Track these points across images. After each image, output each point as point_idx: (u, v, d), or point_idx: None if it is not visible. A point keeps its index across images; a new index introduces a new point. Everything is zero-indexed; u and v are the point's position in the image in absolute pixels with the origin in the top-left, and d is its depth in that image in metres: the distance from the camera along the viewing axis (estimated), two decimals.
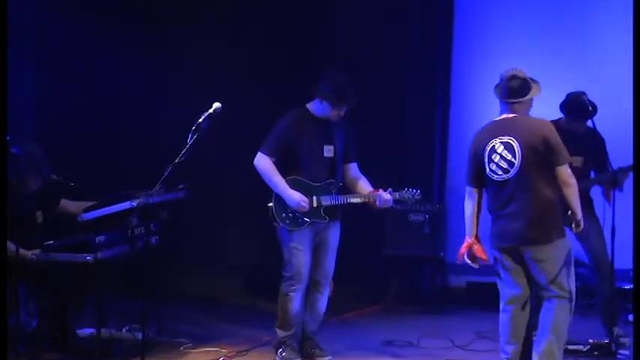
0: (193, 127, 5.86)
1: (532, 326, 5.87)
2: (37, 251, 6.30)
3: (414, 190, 6.40)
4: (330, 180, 6.40)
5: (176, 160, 5.81)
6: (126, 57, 8.35)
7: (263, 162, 6.35)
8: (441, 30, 8.99)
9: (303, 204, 6.28)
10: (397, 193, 6.40)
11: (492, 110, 8.85)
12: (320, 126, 6.38)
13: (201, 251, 8.56)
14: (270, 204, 6.38)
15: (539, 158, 5.66)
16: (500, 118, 5.90)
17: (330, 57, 8.40)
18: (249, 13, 8.78)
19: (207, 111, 5.94)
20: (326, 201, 6.36)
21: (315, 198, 6.34)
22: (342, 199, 6.39)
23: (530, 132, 5.71)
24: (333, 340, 6.83)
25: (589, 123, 6.74)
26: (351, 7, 8.65)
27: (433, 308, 8.33)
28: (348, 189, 6.52)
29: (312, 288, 6.49)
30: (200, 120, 5.90)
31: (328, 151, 6.40)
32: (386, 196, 6.36)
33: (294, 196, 6.28)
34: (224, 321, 7.80)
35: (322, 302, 6.54)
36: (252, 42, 8.73)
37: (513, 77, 5.79)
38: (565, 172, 5.67)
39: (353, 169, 6.57)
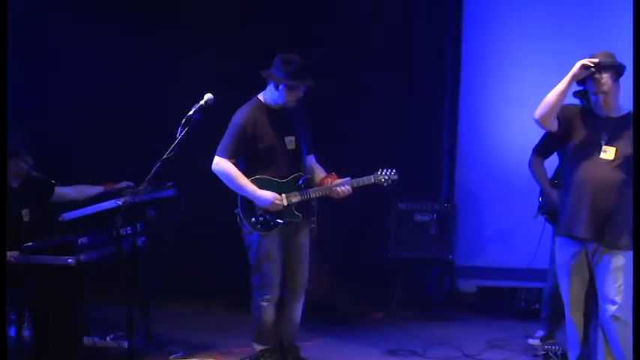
0: (183, 120, 5.67)
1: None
2: (15, 253, 6.10)
3: (389, 171, 5.98)
4: (296, 174, 6.02)
5: (165, 156, 5.60)
6: (118, 54, 8.35)
7: (223, 165, 5.99)
8: (449, 23, 8.95)
9: (277, 202, 5.93)
10: (358, 180, 6.00)
11: (501, 107, 8.89)
12: (277, 117, 6.00)
13: (191, 253, 8.43)
14: (237, 210, 6.07)
15: None
16: None
17: (330, 54, 8.28)
18: (245, 8, 8.73)
19: (199, 102, 5.73)
20: (296, 197, 6.00)
21: (284, 196, 5.98)
22: (310, 194, 6.02)
23: None
24: (333, 349, 6.70)
25: None
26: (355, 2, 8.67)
27: (441, 315, 8.23)
28: (310, 182, 6.19)
29: (289, 297, 6.16)
30: (191, 112, 5.70)
31: (290, 142, 6.02)
32: (340, 189, 5.98)
33: (266, 196, 5.92)
34: (215, 328, 7.64)
35: (299, 311, 6.24)
36: (247, 37, 8.64)
37: None
38: None
39: (312, 160, 6.20)
